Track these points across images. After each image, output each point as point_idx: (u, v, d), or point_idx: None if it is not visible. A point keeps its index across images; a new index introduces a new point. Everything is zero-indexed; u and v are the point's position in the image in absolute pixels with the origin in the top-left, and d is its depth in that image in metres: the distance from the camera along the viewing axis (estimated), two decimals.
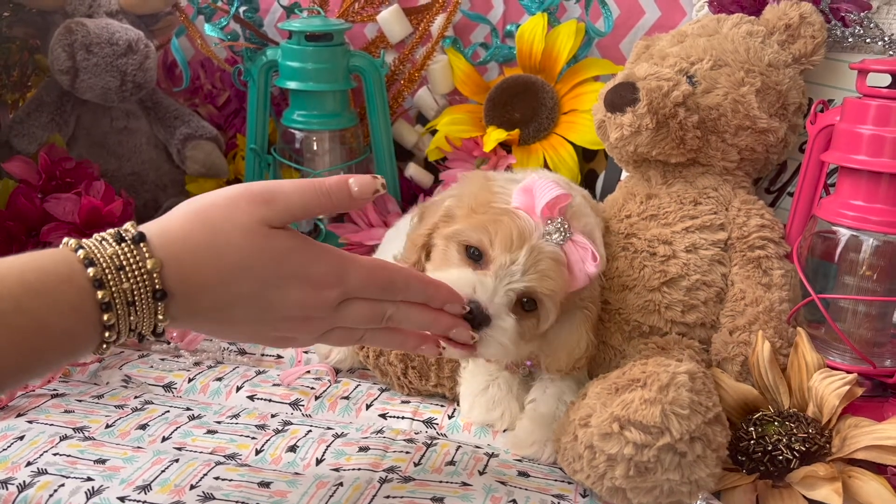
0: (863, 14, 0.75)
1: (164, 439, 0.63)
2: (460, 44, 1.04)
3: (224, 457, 0.61)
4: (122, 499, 0.55)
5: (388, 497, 0.56)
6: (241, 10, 1.03)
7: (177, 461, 0.59)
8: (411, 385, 0.72)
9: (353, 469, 0.60)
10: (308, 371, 0.75)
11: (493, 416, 0.68)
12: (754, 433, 0.59)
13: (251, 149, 1.03)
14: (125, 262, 0.44)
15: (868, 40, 0.75)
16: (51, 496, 0.55)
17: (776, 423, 0.59)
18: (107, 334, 0.44)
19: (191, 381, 0.73)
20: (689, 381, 0.55)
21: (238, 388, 0.72)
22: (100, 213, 0.83)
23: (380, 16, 1.03)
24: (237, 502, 0.55)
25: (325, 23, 0.96)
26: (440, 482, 0.59)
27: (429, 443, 0.65)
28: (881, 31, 0.75)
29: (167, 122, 1.03)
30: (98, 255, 0.43)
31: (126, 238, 0.44)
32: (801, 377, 0.62)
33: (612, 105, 0.69)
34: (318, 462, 0.61)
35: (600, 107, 0.71)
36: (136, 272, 0.44)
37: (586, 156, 1.00)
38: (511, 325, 0.58)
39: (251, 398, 0.71)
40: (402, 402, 0.72)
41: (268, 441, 0.64)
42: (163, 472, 0.58)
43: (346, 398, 0.71)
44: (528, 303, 0.60)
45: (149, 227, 0.46)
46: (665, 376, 0.55)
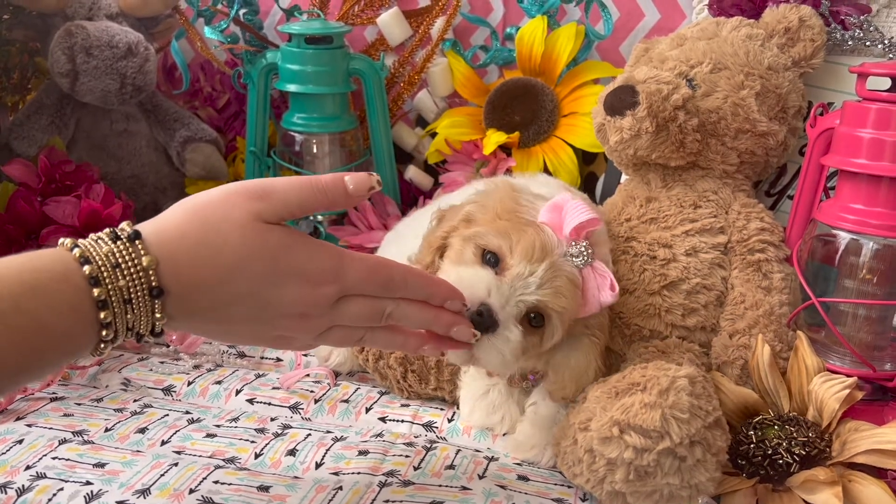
0: (862, 17, 0.75)
1: (163, 443, 0.63)
2: (460, 46, 1.04)
3: (223, 460, 0.61)
4: (121, 503, 0.55)
5: (387, 501, 0.56)
6: (241, 12, 1.03)
7: (176, 465, 0.59)
8: (411, 388, 0.72)
9: (353, 473, 0.60)
10: (307, 374, 0.75)
11: (493, 420, 0.68)
12: (754, 437, 0.59)
13: (251, 151, 1.03)
14: (121, 260, 0.44)
15: (868, 43, 0.75)
16: (50, 500, 0.55)
17: (776, 427, 0.59)
18: (104, 333, 0.44)
19: (190, 384, 0.73)
20: (689, 385, 0.55)
21: (237, 392, 0.72)
22: (99, 216, 0.82)
23: (379, 18, 1.03)
24: None
25: (325, 26, 0.96)
26: (440, 486, 0.59)
27: (428, 446, 0.65)
28: (881, 35, 0.75)
29: (167, 124, 1.03)
30: (93, 253, 0.43)
31: (121, 236, 0.45)
32: (801, 381, 0.62)
33: (611, 108, 0.69)
34: (318, 466, 0.61)
35: (600, 110, 0.71)
36: (131, 270, 0.44)
37: (586, 159, 1.00)
38: (516, 338, 0.56)
39: (251, 401, 0.71)
40: (402, 406, 0.71)
41: (267, 445, 0.63)
42: (162, 475, 0.58)
43: (346, 401, 0.71)
44: (535, 318, 0.58)
45: (144, 226, 0.46)
46: (665, 380, 0.55)
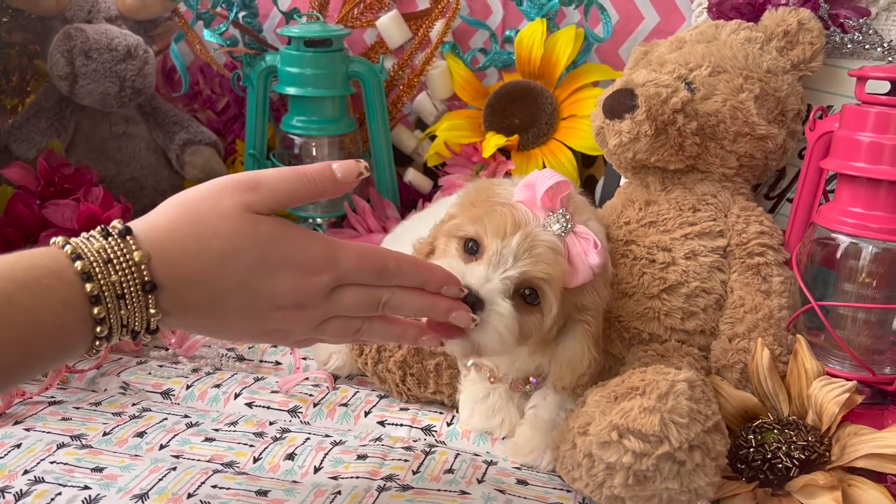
0: (861, 20, 0.75)
1: (161, 447, 0.63)
2: (459, 49, 1.04)
3: (222, 465, 0.61)
4: None
5: None
6: (241, 15, 1.03)
7: (174, 469, 0.59)
8: (410, 392, 0.72)
9: (352, 477, 0.60)
10: (306, 378, 0.75)
11: (492, 424, 0.68)
12: (753, 441, 0.59)
13: (250, 154, 1.03)
14: (112, 256, 0.44)
15: (867, 46, 0.75)
16: None
17: (776, 431, 0.59)
18: (98, 329, 0.44)
19: (189, 387, 0.73)
20: (689, 389, 0.55)
21: (236, 395, 0.72)
22: (98, 219, 0.82)
23: (379, 21, 1.03)
24: None
25: (325, 28, 0.96)
26: (438, 490, 0.59)
27: (427, 450, 0.64)
28: (880, 38, 0.75)
29: (166, 127, 1.03)
30: (85, 249, 0.44)
31: (112, 233, 0.45)
32: (801, 384, 0.62)
33: (610, 111, 0.69)
34: (317, 470, 0.61)
35: (599, 113, 0.71)
36: (123, 265, 0.44)
37: (585, 161, 1.00)
38: (508, 311, 0.55)
39: (249, 405, 0.71)
40: (401, 409, 0.71)
41: (266, 449, 0.63)
42: (160, 480, 0.58)
43: (345, 405, 0.71)
44: (530, 295, 0.58)
45: (135, 222, 0.47)
46: (664, 384, 0.55)
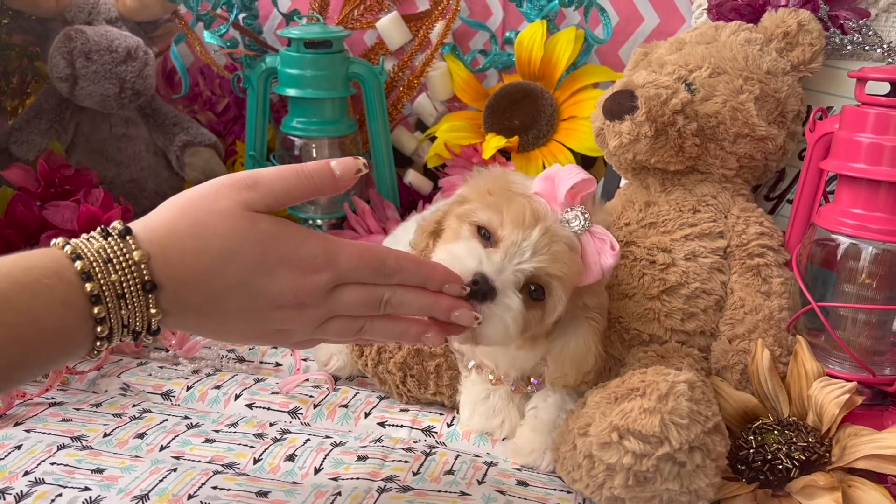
0: (861, 22, 0.75)
1: (162, 448, 0.63)
2: (459, 51, 1.04)
3: (222, 466, 0.61)
4: None
5: None
6: (241, 17, 1.03)
7: (175, 470, 0.59)
8: (410, 393, 0.72)
9: (352, 478, 0.60)
10: (307, 379, 0.75)
11: (493, 424, 0.68)
12: (754, 442, 0.59)
13: (250, 155, 1.03)
14: (112, 255, 0.44)
15: (867, 48, 0.75)
16: None
17: (776, 432, 0.59)
18: (99, 329, 0.44)
19: (189, 389, 0.73)
20: (689, 390, 0.55)
21: (237, 397, 0.72)
22: (99, 220, 0.82)
23: (379, 23, 1.03)
24: None
25: (325, 30, 0.96)
26: (439, 492, 0.59)
27: (428, 451, 0.64)
28: (880, 39, 0.75)
29: (166, 128, 1.03)
30: (85, 249, 0.44)
31: (112, 233, 0.45)
32: (801, 385, 0.62)
33: (610, 113, 0.69)
34: (317, 471, 0.61)
35: (599, 115, 0.71)
36: (123, 264, 0.44)
37: (585, 163, 1.00)
38: (517, 305, 0.55)
39: (250, 406, 0.71)
40: (401, 411, 0.71)
41: (266, 450, 0.63)
42: (161, 481, 0.58)
43: (345, 406, 0.71)
44: (535, 291, 0.57)
45: (135, 223, 0.47)
46: (664, 385, 0.55)
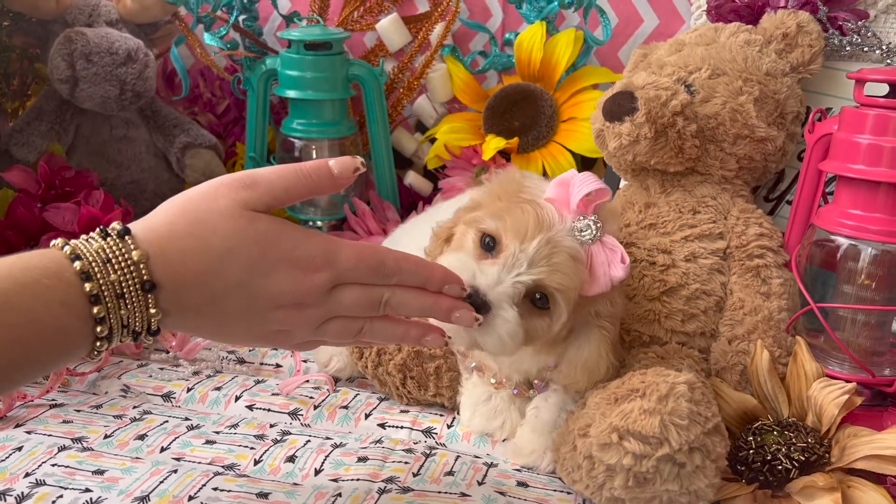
0: (860, 23, 0.75)
1: (162, 450, 0.63)
2: (459, 52, 1.04)
3: (223, 467, 0.61)
4: None
5: None
6: (241, 18, 1.04)
7: (175, 472, 0.59)
8: (410, 395, 0.72)
9: (352, 479, 0.60)
10: (307, 380, 0.75)
11: (493, 426, 0.68)
12: (753, 442, 0.59)
13: (250, 157, 1.03)
14: (111, 255, 0.44)
15: (866, 49, 0.75)
16: None
17: (775, 433, 0.59)
18: (99, 329, 0.44)
19: (189, 390, 0.73)
20: (689, 391, 0.55)
21: (237, 398, 0.72)
22: (99, 222, 0.82)
23: (379, 24, 1.03)
24: None
25: (325, 32, 0.96)
26: (439, 493, 0.59)
27: (428, 453, 0.65)
28: (879, 40, 0.75)
29: (166, 130, 1.03)
30: (84, 250, 0.44)
31: (111, 234, 0.45)
32: (801, 386, 0.62)
33: (610, 114, 0.69)
34: (317, 472, 0.61)
35: (598, 116, 0.71)
36: (122, 264, 0.44)
37: (585, 164, 1.00)
38: (513, 318, 0.54)
39: (250, 408, 0.71)
40: (401, 412, 0.71)
41: (266, 451, 0.63)
42: (161, 482, 0.58)
43: (345, 407, 0.71)
44: (540, 299, 0.56)
45: (134, 224, 0.47)
46: (664, 386, 0.55)
